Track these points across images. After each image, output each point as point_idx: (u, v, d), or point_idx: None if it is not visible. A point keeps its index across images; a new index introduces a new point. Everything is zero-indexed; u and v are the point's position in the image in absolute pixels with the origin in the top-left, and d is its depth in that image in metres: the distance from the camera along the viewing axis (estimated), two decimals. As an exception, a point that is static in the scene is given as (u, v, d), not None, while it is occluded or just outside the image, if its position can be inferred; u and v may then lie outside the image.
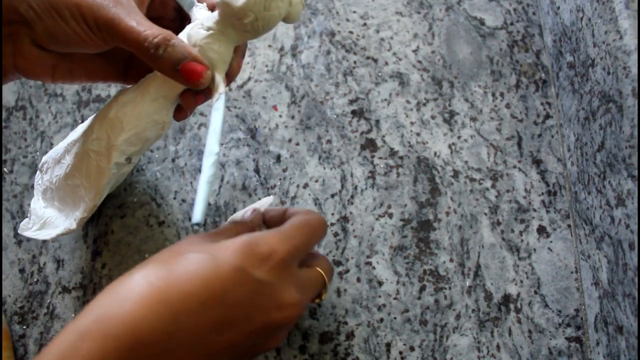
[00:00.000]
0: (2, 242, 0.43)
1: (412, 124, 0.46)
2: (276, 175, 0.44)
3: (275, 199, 0.43)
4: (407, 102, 0.47)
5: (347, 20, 0.50)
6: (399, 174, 0.44)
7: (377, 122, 0.46)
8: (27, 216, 0.40)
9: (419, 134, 0.45)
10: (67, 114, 0.47)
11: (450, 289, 0.40)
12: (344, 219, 0.43)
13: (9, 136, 0.47)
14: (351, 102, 0.47)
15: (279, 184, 0.44)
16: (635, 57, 0.34)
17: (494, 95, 0.47)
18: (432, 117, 0.46)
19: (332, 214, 0.43)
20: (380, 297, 0.40)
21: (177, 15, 0.37)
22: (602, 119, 0.38)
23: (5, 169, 0.46)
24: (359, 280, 0.41)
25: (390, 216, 0.43)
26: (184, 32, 0.33)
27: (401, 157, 0.45)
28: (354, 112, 0.46)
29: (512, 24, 0.49)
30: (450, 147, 0.45)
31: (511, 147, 0.45)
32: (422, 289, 0.41)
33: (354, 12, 0.50)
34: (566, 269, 0.41)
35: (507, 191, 0.43)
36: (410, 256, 0.42)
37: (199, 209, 0.28)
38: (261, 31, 0.31)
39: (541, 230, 0.42)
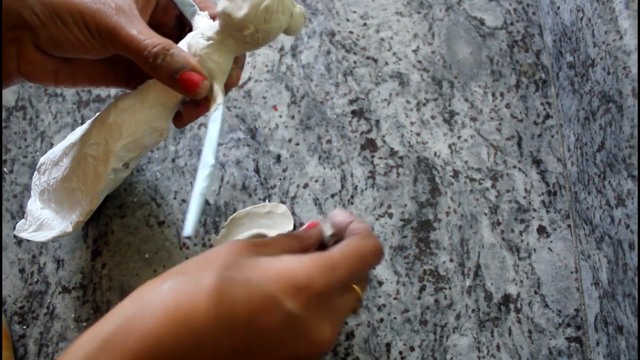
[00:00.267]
0: (2, 242, 0.43)
1: (412, 124, 0.46)
2: (276, 175, 0.44)
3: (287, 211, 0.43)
4: (407, 102, 0.47)
5: (347, 20, 0.50)
6: (399, 174, 0.44)
7: (377, 122, 0.46)
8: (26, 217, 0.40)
9: (419, 134, 0.45)
10: (67, 114, 0.47)
11: (450, 289, 0.40)
12: (344, 219, 0.43)
13: (9, 136, 0.47)
14: (351, 102, 0.47)
15: (279, 184, 0.44)
16: (635, 57, 0.34)
17: (494, 95, 0.47)
18: (432, 117, 0.46)
19: (332, 214, 0.43)
20: (380, 297, 0.40)
21: (178, 22, 0.37)
22: (602, 119, 0.38)
23: (5, 169, 0.46)
24: (359, 280, 0.41)
25: (390, 216, 0.43)
26: (185, 41, 0.33)
27: (401, 157, 0.45)
28: (354, 112, 0.46)
29: (512, 24, 0.49)
30: (450, 147, 0.45)
31: (511, 147, 0.45)
32: (422, 289, 0.41)
33: (354, 12, 0.50)
34: (566, 269, 0.41)
35: (507, 191, 0.43)
36: (410, 256, 0.42)
37: (190, 221, 0.27)
38: (261, 43, 0.31)
39: (541, 230, 0.42)
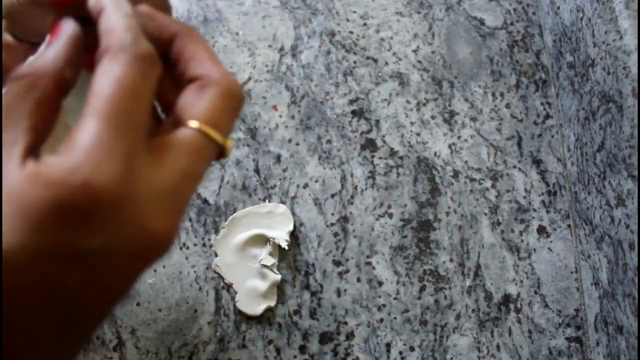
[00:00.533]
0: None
1: (412, 124, 0.46)
2: (276, 175, 0.44)
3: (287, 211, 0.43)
4: (407, 102, 0.47)
5: (347, 20, 0.50)
6: (399, 174, 0.44)
7: (377, 122, 0.46)
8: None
9: (419, 134, 0.45)
10: (67, 114, 0.47)
11: (450, 289, 0.40)
12: (344, 219, 0.43)
13: (9, 136, 0.47)
14: (351, 102, 0.47)
15: (279, 184, 0.44)
16: (635, 57, 0.34)
17: (494, 95, 0.47)
18: (432, 117, 0.46)
19: (332, 214, 0.43)
20: (380, 297, 0.40)
21: None
22: (602, 119, 0.38)
23: (5, 169, 0.46)
24: (359, 280, 0.41)
25: (390, 216, 0.43)
26: None
27: (401, 157, 0.45)
28: (354, 112, 0.46)
29: (512, 24, 0.49)
30: (450, 147, 0.45)
31: (511, 147, 0.45)
32: (422, 289, 0.41)
33: (354, 12, 0.50)
34: (566, 269, 0.41)
35: (507, 191, 0.43)
36: (410, 256, 0.42)
37: None
38: None
39: (541, 230, 0.42)
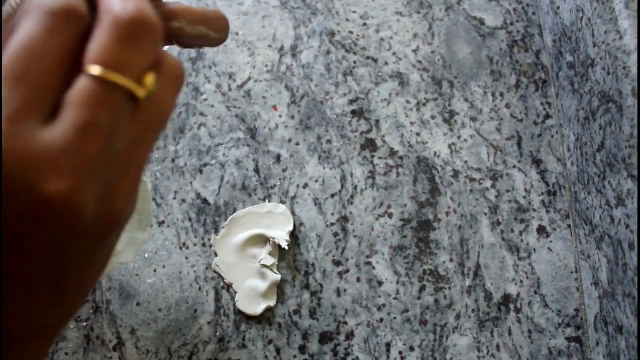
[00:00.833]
0: (2, 242, 0.43)
1: (412, 124, 0.46)
2: (276, 175, 0.44)
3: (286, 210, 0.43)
4: (407, 102, 0.47)
5: (347, 20, 0.50)
6: (399, 174, 0.44)
7: (377, 122, 0.46)
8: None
9: (419, 134, 0.45)
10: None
11: (450, 289, 0.40)
12: (344, 219, 0.43)
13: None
14: (351, 102, 0.47)
15: (279, 184, 0.44)
16: (635, 57, 0.34)
17: (494, 95, 0.47)
18: (432, 117, 0.46)
19: (332, 214, 0.43)
20: (380, 297, 0.40)
21: None
22: (602, 119, 0.38)
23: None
24: (359, 280, 0.41)
25: (390, 216, 0.43)
26: None
27: (401, 157, 0.45)
28: (354, 112, 0.46)
29: (512, 24, 0.49)
30: (450, 147, 0.45)
31: (511, 147, 0.45)
32: (422, 289, 0.41)
33: (354, 12, 0.50)
34: (566, 269, 0.41)
35: (507, 191, 0.43)
36: (410, 256, 0.42)
37: None
38: None
39: (541, 230, 0.42)
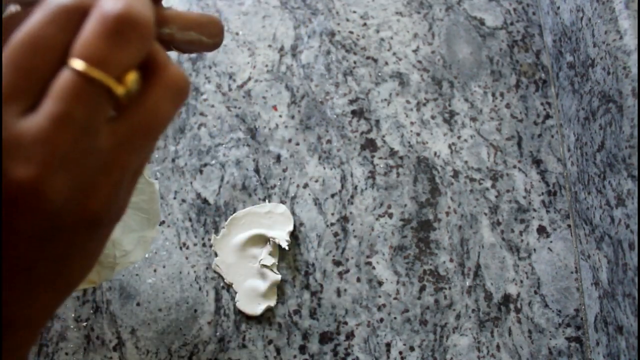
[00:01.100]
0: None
1: (412, 124, 0.46)
2: (276, 175, 0.44)
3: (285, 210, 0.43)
4: (407, 102, 0.47)
5: (347, 20, 0.50)
6: (399, 174, 0.44)
7: (377, 122, 0.46)
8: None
9: (419, 134, 0.45)
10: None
11: (450, 289, 0.40)
12: (344, 219, 0.43)
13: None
14: (351, 102, 0.47)
15: (279, 184, 0.44)
16: (635, 57, 0.34)
17: (494, 95, 0.47)
18: (432, 117, 0.46)
19: (332, 214, 0.43)
20: (380, 297, 0.40)
21: None
22: (602, 119, 0.38)
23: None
24: (359, 280, 0.41)
25: (390, 216, 0.43)
26: None
27: (401, 157, 0.45)
28: (354, 112, 0.46)
29: (512, 24, 0.49)
30: (450, 147, 0.45)
31: (511, 147, 0.45)
32: (422, 289, 0.41)
33: (354, 12, 0.50)
34: (566, 269, 0.41)
35: (507, 191, 0.43)
36: (410, 256, 0.42)
37: None
38: None
39: (541, 230, 0.42)
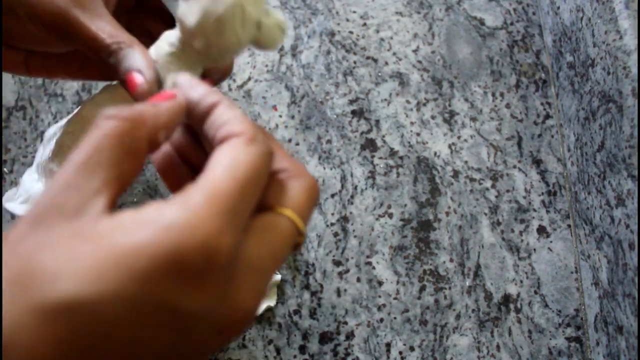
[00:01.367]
0: (2, 242, 0.43)
1: (412, 124, 0.46)
2: (276, 175, 0.44)
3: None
4: (407, 102, 0.47)
5: (347, 20, 0.50)
6: (399, 174, 0.44)
7: (377, 122, 0.46)
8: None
9: (419, 134, 0.45)
10: (67, 114, 0.47)
11: (450, 289, 0.40)
12: (344, 219, 0.43)
13: (9, 136, 0.47)
14: (351, 102, 0.47)
15: (279, 184, 0.44)
16: (635, 57, 0.34)
17: (494, 95, 0.47)
18: (432, 117, 0.46)
19: (332, 214, 0.43)
20: (380, 297, 0.40)
21: None
22: (602, 119, 0.38)
23: (5, 169, 0.46)
24: (359, 280, 0.41)
25: (390, 216, 0.43)
26: (157, 41, 0.29)
27: (401, 157, 0.45)
28: (354, 112, 0.46)
29: (512, 24, 0.49)
30: (450, 147, 0.45)
31: (511, 147, 0.45)
32: (422, 289, 0.41)
33: (354, 12, 0.50)
34: (566, 269, 0.41)
35: (507, 191, 0.43)
36: (410, 256, 0.42)
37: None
38: (219, 59, 0.26)
39: (541, 230, 0.42)
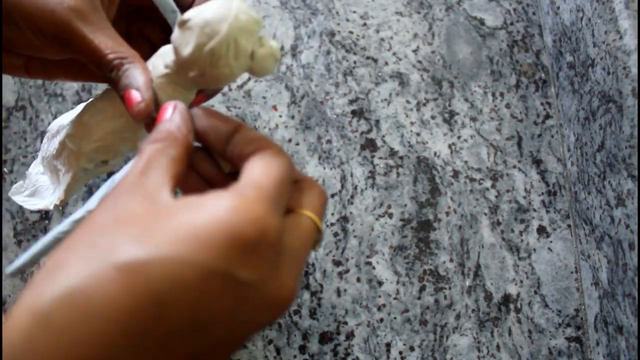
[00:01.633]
0: (2, 242, 0.43)
1: (412, 124, 0.46)
2: (276, 175, 0.44)
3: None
4: (407, 102, 0.47)
5: (347, 20, 0.50)
6: (399, 174, 0.44)
7: (377, 122, 0.46)
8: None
9: (419, 134, 0.45)
10: (67, 114, 0.47)
11: (450, 289, 0.40)
12: (344, 219, 0.43)
13: (9, 136, 0.47)
14: (351, 102, 0.47)
15: (279, 184, 0.44)
16: (635, 57, 0.34)
17: (494, 95, 0.47)
18: (432, 117, 0.46)
19: (332, 214, 0.43)
20: (380, 297, 0.40)
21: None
22: (602, 119, 0.38)
23: (5, 169, 0.46)
24: (359, 280, 0.41)
25: (390, 216, 0.43)
26: (154, 56, 0.30)
27: (401, 157, 0.45)
28: (354, 112, 0.46)
29: (512, 24, 0.49)
30: (450, 147, 0.45)
31: (511, 147, 0.45)
32: (422, 289, 0.41)
33: (354, 12, 0.50)
34: (566, 269, 0.41)
35: (507, 191, 0.43)
36: (410, 256, 0.42)
37: (23, 259, 0.22)
38: (212, 85, 0.27)
39: (541, 230, 0.42)
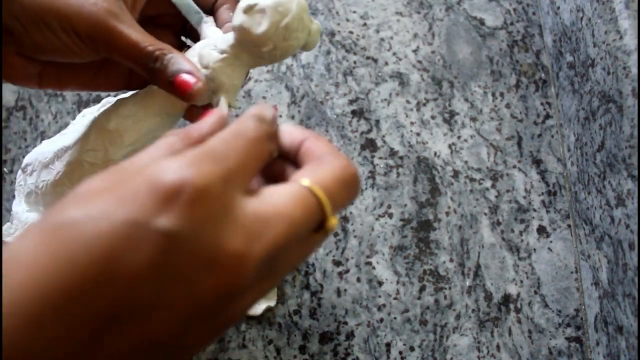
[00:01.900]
0: (2, 242, 0.43)
1: (412, 124, 0.46)
2: (276, 175, 0.44)
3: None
4: (407, 102, 0.47)
5: (347, 20, 0.50)
6: (399, 174, 0.44)
7: (377, 122, 0.46)
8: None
9: (419, 134, 0.45)
10: (67, 114, 0.47)
11: (450, 289, 0.40)
12: (344, 219, 0.43)
13: (9, 136, 0.47)
14: (351, 102, 0.47)
15: (279, 184, 0.44)
16: (635, 57, 0.34)
17: (494, 95, 0.47)
18: (432, 117, 0.46)
19: (332, 214, 0.43)
20: (380, 297, 0.40)
21: (178, 11, 0.36)
22: (602, 119, 0.38)
23: (5, 169, 0.46)
24: (359, 280, 0.41)
25: (390, 216, 0.43)
26: (194, 50, 0.32)
27: (401, 157, 0.45)
28: (354, 112, 0.46)
29: (512, 24, 0.49)
30: (450, 147, 0.45)
31: (511, 147, 0.45)
32: (422, 289, 0.41)
33: (354, 12, 0.50)
34: (566, 269, 0.41)
35: (507, 191, 0.43)
36: (410, 256, 0.42)
37: None
38: (279, 59, 0.31)
39: (541, 230, 0.42)
